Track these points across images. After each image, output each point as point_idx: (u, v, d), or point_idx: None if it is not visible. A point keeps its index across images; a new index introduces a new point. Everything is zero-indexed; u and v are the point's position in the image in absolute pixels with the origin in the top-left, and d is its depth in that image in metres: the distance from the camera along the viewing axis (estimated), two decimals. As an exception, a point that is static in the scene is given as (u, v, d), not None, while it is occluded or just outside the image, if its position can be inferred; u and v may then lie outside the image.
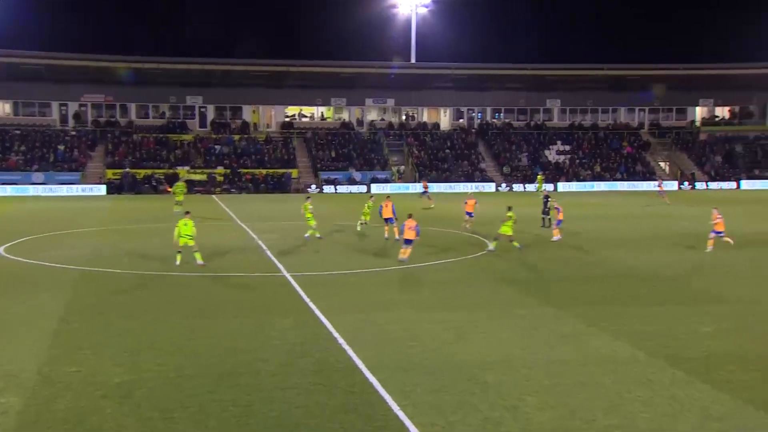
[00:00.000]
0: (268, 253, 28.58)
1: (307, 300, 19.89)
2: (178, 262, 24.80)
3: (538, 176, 67.70)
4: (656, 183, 61.24)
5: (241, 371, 13.87)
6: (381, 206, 33.35)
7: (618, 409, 12.03)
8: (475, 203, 37.06)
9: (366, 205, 36.38)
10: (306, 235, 31.96)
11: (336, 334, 16.33)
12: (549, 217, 36.65)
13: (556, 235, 32.27)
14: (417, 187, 70.45)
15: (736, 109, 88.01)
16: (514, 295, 21.09)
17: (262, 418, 11.59)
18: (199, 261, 24.95)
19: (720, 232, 29.49)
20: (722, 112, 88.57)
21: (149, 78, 74.58)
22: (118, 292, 21.07)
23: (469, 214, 36.31)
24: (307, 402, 12.26)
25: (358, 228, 35.00)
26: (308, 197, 35.40)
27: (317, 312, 18.49)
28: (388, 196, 34.60)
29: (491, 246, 29.04)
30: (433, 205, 50.95)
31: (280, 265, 25.60)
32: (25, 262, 26.23)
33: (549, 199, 37.97)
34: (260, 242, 31.53)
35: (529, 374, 13.73)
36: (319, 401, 12.29)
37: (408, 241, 26.06)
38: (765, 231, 35.30)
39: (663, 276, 24.04)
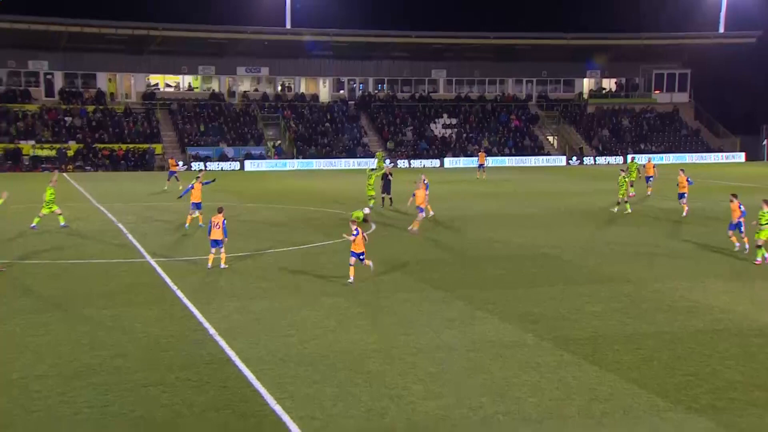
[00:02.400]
0: (130, 237, 27.77)
1: (174, 288, 19.48)
2: None
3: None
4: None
5: (97, 369, 13.43)
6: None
7: (505, 395, 12.44)
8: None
9: (369, 179, 36.38)
10: (33, 224, 29.16)
11: (206, 325, 16.08)
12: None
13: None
14: (295, 164, 70.19)
15: (623, 81, 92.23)
16: (398, 278, 21.38)
17: (122, 419, 11.27)
18: None
19: (683, 194, 34.02)
20: (609, 84, 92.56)
21: (-18, 38, 70.34)
22: (-48, 284, 19.92)
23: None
24: (173, 400, 12.02)
25: (367, 209, 33.97)
26: (54, 179, 31.08)
27: (185, 301, 18.14)
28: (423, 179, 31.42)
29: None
30: (484, 177, 54.55)
31: (142, 250, 24.93)
32: None
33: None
34: (120, 225, 30.58)
35: (413, 361, 13.98)
36: (187, 398, 12.07)
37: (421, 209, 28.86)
38: (659, 207, 37.27)
39: (552, 255, 24.97)
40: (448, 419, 11.45)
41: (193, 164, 66.10)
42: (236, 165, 68.39)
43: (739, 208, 24.67)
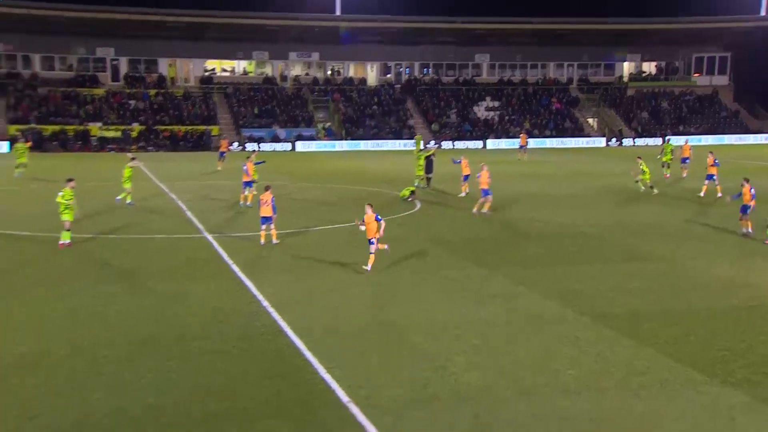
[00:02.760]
0: (189, 213, 28.13)
1: (230, 262, 19.73)
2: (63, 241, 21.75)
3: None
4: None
5: (160, 337, 13.71)
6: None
7: (545, 367, 12.40)
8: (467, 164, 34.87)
9: (418, 160, 36.62)
10: (129, 201, 29.86)
11: (260, 298, 16.28)
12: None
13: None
14: (344, 145, 70.30)
15: (663, 64, 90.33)
16: (443, 255, 21.36)
17: (183, 384, 11.51)
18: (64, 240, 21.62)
19: (712, 176, 33.27)
20: (649, 67, 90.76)
21: (54, 27, 71.44)
22: (28, 256, 20.44)
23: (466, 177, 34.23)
24: (230, 368, 12.22)
25: (416, 184, 34.82)
26: (133, 157, 32.36)
27: (240, 275, 18.37)
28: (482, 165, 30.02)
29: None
30: (525, 158, 53.99)
31: (200, 227, 25.25)
32: None
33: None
34: (180, 203, 30.99)
35: (457, 334, 14.00)
36: (243, 367, 12.27)
37: (486, 192, 28.04)
38: (692, 188, 36.57)
39: (591, 234, 24.70)
40: (490, 390, 11.46)
41: (247, 145, 66.59)
42: (288, 146, 68.70)
43: (750, 191, 23.99)
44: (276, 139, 69.99)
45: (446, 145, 71.06)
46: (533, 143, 68.85)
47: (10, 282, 17.63)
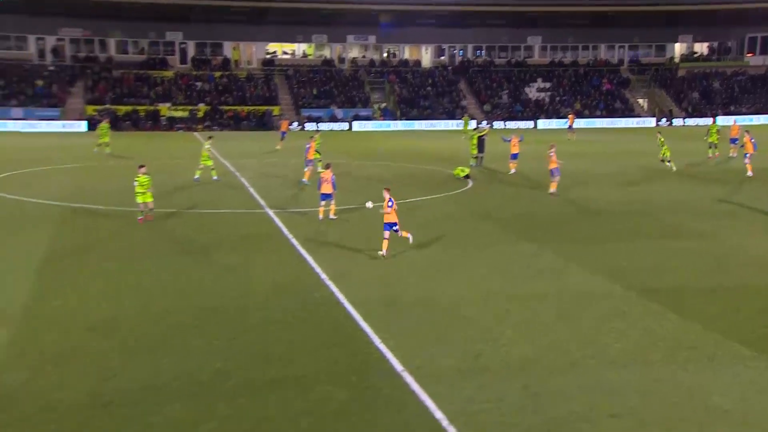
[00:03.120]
0: (250, 189, 28.45)
1: (289, 236, 19.91)
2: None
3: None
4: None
5: (224, 307, 13.93)
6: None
7: (593, 340, 12.24)
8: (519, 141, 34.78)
9: (471, 140, 36.63)
10: (196, 177, 30.19)
11: (318, 270, 16.39)
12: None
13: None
14: (399, 125, 70.11)
15: (715, 45, 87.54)
16: (494, 231, 21.21)
17: (246, 351, 11.69)
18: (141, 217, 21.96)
19: (747, 154, 32.63)
20: (701, 48, 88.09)
21: (127, 12, 72.73)
22: (102, 230, 20.95)
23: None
24: (291, 336, 12.36)
25: (471, 164, 35.17)
26: (210, 137, 33.52)
27: (300, 249, 18.52)
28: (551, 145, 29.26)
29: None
30: (573, 138, 52.97)
31: (261, 202, 25.52)
32: (7, 197, 25.94)
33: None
34: (242, 179, 31.35)
35: (507, 308, 13.90)
36: (303, 336, 12.40)
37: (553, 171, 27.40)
38: (738, 168, 35.53)
39: (639, 212, 24.21)
40: (539, 362, 11.37)
41: (306, 125, 66.92)
42: (345, 125, 68.83)
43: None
44: (333, 119, 70.18)
45: (497, 125, 70.31)
46: (583, 123, 67.61)
47: (89, 254, 18.10)
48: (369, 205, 18.68)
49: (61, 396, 10.03)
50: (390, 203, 17.59)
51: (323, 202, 22.06)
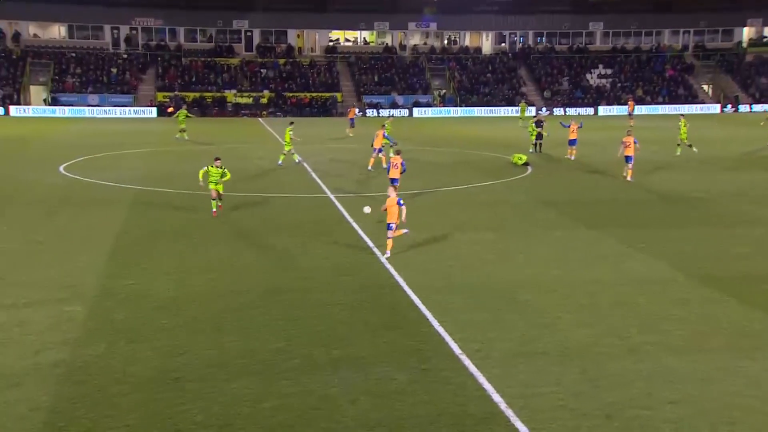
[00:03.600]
0: (313, 174, 28.66)
1: (351, 221, 20.00)
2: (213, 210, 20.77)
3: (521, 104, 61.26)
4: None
5: (288, 288, 14.10)
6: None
7: (653, 326, 11.98)
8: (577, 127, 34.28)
9: (529, 125, 36.52)
10: (279, 161, 30.91)
11: (378, 254, 16.43)
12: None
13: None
14: (459, 112, 69.63)
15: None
16: (553, 216, 20.92)
17: (308, 331, 11.81)
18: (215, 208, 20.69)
19: None
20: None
21: (196, 1, 73.98)
22: (171, 212, 21.41)
23: (572, 141, 33.68)
24: (351, 318, 12.45)
25: (530, 150, 35.13)
26: (291, 122, 34.00)
27: (360, 232, 18.59)
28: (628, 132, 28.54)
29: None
30: (632, 124, 50.22)
31: (324, 187, 25.69)
32: (84, 180, 26.75)
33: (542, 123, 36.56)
34: (305, 164, 31.60)
35: (566, 293, 13.71)
36: (363, 318, 12.47)
37: (629, 158, 26.84)
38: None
39: (703, 199, 23.56)
40: (597, 346, 11.19)
41: (367, 111, 67.03)
42: (405, 112, 68.71)
43: None
44: (394, 106, 70.12)
45: (557, 111, 69.16)
46: (645, 110, 66.02)
47: (159, 236, 18.53)
48: (366, 210, 17.11)
49: (133, 370, 10.33)
50: (400, 203, 16.05)
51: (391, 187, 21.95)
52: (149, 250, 16.91)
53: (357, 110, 51.62)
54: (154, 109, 65.19)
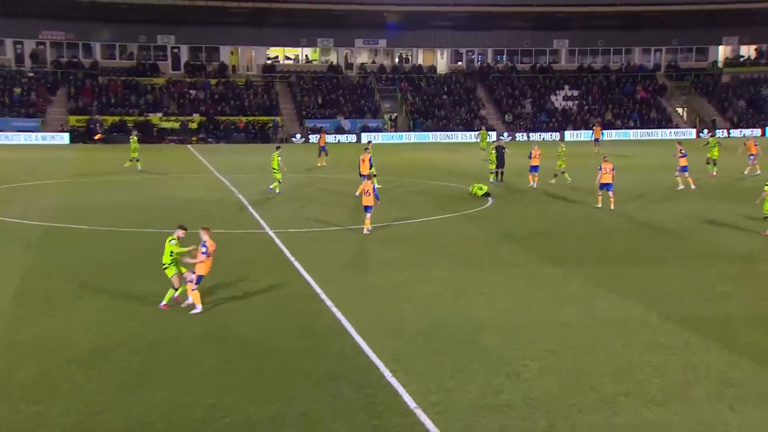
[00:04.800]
0: (250, 208, 28.56)
1: (292, 259, 19.94)
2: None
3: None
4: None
5: (221, 334, 13.95)
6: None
7: (628, 374, 12.17)
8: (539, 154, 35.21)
9: (489, 155, 37.03)
10: (270, 186, 32.39)
11: (323, 296, 16.39)
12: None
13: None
14: (412, 137, 70.39)
15: (764, 47, 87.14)
16: (515, 251, 21.19)
17: (243, 384, 11.68)
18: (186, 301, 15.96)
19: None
20: (748, 51, 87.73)
21: (115, 14, 73.33)
22: (86, 250, 21.05)
23: (535, 168, 34.71)
24: (292, 368, 12.36)
25: (492, 179, 35.80)
26: (278, 147, 35.46)
27: (303, 271, 18.54)
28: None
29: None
30: (597, 151, 51.95)
31: (262, 221, 25.61)
32: (-17, 217, 26.16)
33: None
34: (240, 197, 31.48)
35: (531, 337, 13.86)
36: (305, 367, 12.39)
37: (608, 186, 27.92)
38: None
39: (677, 231, 24.14)
40: (567, 397, 11.31)
41: (310, 136, 67.21)
42: (353, 137, 69.09)
43: None
44: (340, 131, 70.44)
45: (520, 137, 70.32)
46: (615, 135, 67.50)
47: (72, 276, 18.18)
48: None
49: (40, 433, 10.05)
50: (204, 249, 15.15)
51: (368, 215, 23.16)
52: (60, 294, 16.57)
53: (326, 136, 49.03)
54: (66, 135, 64.21)
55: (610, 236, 23.59)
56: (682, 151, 33.95)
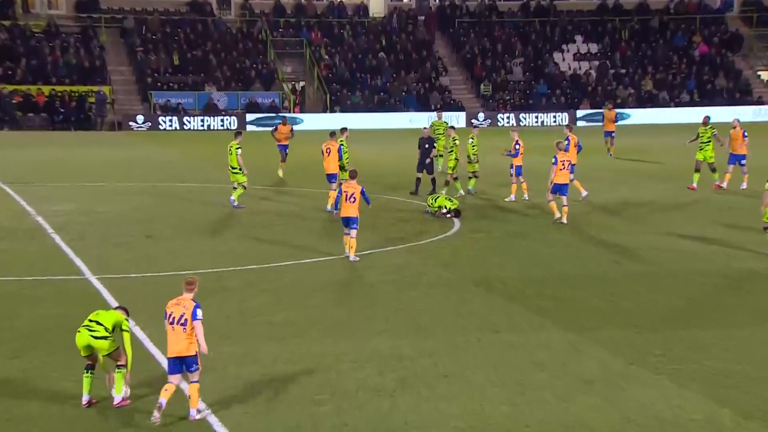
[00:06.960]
0: (57, 239, 28.26)
1: (131, 323, 19.74)
2: None
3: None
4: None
5: None
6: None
7: None
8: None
9: (469, 144, 37.03)
10: (231, 197, 33.00)
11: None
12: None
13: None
14: (329, 120, 70.32)
15: None
16: (501, 308, 21.32)
17: None
18: None
19: None
20: None
21: None
22: None
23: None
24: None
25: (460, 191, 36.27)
26: (238, 133, 35.94)
27: (147, 343, 18.38)
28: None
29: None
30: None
31: (78, 261, 25.37)
32: None
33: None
34: (42, 220, 31.12)
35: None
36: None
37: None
38: None
39: (762, 274, 24.61)
40: None
41: (160, 119, 66.85)
42: (232, 120, 68.60)
43: None
44: (211, 110, 69.78)
45: (503, 120, 70.83)
46: (658, 115, 68.29)
47: None
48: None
49: None
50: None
51: (346, 230, 24.52)
52: None
53: (291, 129, 45.94)
54: None
55: (646, 281, 23.86)
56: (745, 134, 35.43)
